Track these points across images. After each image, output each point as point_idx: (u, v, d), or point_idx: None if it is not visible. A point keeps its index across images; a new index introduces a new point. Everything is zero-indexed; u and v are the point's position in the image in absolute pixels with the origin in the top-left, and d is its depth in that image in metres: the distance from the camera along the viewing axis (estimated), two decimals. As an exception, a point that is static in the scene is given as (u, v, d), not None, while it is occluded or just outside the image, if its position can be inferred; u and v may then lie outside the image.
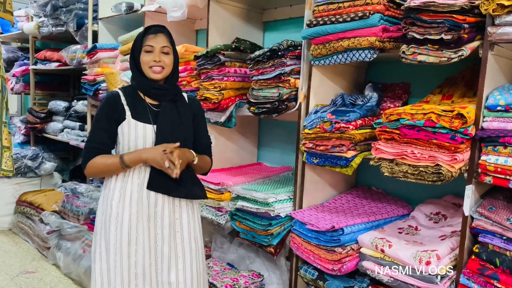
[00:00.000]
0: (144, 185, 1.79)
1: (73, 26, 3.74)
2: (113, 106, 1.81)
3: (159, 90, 1.83)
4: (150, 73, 1.80)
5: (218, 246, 2.53)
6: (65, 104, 4.22)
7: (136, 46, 1.82)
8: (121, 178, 1.81)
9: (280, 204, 2.11)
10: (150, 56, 1.79)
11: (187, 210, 1.88)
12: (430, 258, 1.58)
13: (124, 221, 1.78)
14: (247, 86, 2.42)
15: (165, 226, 1.81)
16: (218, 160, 2.70)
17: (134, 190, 1.80)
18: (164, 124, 1.80)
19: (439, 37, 1.52)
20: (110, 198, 1.81)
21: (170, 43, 1.83)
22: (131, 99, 1.83)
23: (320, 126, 1.93)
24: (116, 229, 1.79)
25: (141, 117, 1.80)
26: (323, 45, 1.91)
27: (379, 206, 2.10)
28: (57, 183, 4.37)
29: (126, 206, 1.78)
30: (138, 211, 1.78)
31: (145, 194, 1.79)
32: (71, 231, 3.22)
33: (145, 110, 1.82)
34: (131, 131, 1.78)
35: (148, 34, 1.81)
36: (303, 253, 1.99)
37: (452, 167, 1.52)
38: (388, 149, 1.69)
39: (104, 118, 1.80)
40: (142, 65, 1.80)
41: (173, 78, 1.87)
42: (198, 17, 3.20)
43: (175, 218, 1.84)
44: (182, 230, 1.85)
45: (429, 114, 1.57)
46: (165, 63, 1.80)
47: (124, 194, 1.80)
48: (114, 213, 1.79)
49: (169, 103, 1.84)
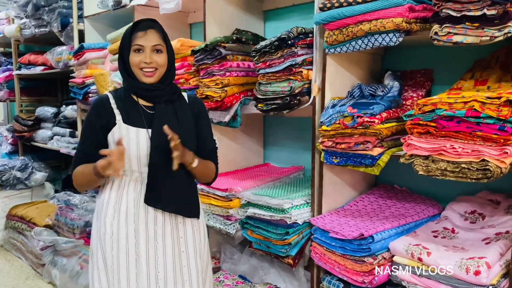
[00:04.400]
0: (141, 200, 1.58)
1: (57, 26, 3.49)
2: (101, 112, 1.59)
3: (153, 92, 1.62)
4: (141, 75, 1.58)
5: (227, 257, 2.33)
6: (54, 110, 3.97)
7: (124, 45, 1.59)
8: (115, 191, 1.61)
9: (297, 210, 1.91)
10: (140, 56, 1.56)
11: (192, 226, 1.68)
12: (479, 267, 1.38)
13: (121, 241, 1.57)
14: (251, 81, 2.20)
15: (167, 247, 1.60)
16: (222, 163, 2.45)
17: (130, 205, 1.59)
18: (159, 128, 1.57)
19: (480, 13, 1.31)
20: (103, 214, 1.60)
21: (162, 40, 1.60)
22: (122, 102, 1.61)
23: (340, 121, 1.72)
24: (112, 249, 1.58)
25: (134, 121, 1.59)
26: (340, 30, 1.70)
27: (407, 207, 1.90)
28: (49, 194, 4.13)
29: (121, 223, 1.58)
30: (136, 230, 1.58)
31: (142, 210, 1.58)
32: (66, 246, 3.00)
33: (139, 113, 1.61)
34: (123, 136, 1.56)
35: (137, 31, 1.58)
36: (327, 263, 1.79)
37: (502, 162, 1.32)
38: (423, 144, 1.48)
39: (90, 125, 1.60)
40: (131, 66, 1.58)
41: (168, 76, 1.65)
42: (191, 9, 2.98)
43: (179, 236, 1.64)
44: (187, 249, 1.65)
45: (471, 103, 1.37)
46: (158, 63, 1.57)
47: (119, 210, 1.59)
48: (109, 232, 1.58)
49: (166, 105, 1.63)
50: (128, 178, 1.62)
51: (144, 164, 1.60)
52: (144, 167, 1.61)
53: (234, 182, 2.26)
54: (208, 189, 2.22)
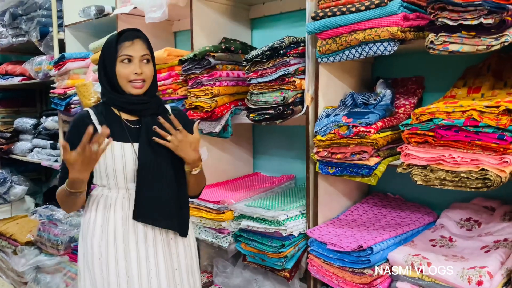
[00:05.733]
0: (130, 218, 1.52)
1: (36, 35, 3.39)
2: (81, 130, 1.49)
3: (138, 105, 1.56)
4: (130, 88, 1.52)
5: (220, 270, 2.27)
6: (33, 121, 3.85)
7: (109, 55, 1.52)
8: (101, 211, 1.55)
9: (292, 221, 1.87)
10: (129, 67, 1.50)
11: (183, 242, 1.62)
12: (481, 276, 1.37)
13: (110, 263, 1.51)
14: (242, 90, 2.17)
15: (160, 266, 1.54)
16: (212, 173, 2.44)
17: (118, 224, 1.53)
18: (147, 142, 1.52)
19: (477, 22, 1.31)
20: (90, 235, 1.54)
21: (148, 50, 1.56)
22: (104, 117, 1.55)
23: (335, 131, 1.70)
24: (101, 272, 1.52)
25: (118, 136, 1.53)
26: (333, 40, 1.68)
27: (402, 215, 1.89)
28: (30, 208, 3.99)
29: (110, 244, 1.52)
30: (126, 250, 1.51)
31: (131, 228, 1.52)
32: (50, 263, 2.90)
33: (122, 128, 1.55)
34: (107, 153, 1.50)
35: (123, 40, 1.53)
36: (325, 276, 1.76)
37: (502, 171, 1.31)
38: (421, 154, 1.47)
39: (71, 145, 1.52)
40: (119, 78, 1.51)
41: (153, 89, 1.60)
42: (176, 18, 2.93)
43: (172, 253, 1.59)
44: (180, 266, 1.60)
45: (469, 112, 1.36)
46: (146, 75, 1.53)
47: (107, 230, 1.53)
48: (97, 254, 1.52)
49: (152, 118, 1.57)
50: (115, 196, 1.56)
51: (130, 180, 1.55)
52: (131, 183, 1.55)
53: (225, 193, 2.21)
54: (199, 201, 2.16)
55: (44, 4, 3.39)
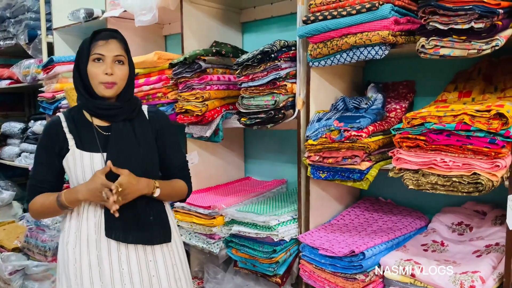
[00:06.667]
0: (101, 225, 1.49)
1: (24, 39, 3.33)
2: (53, 137, 1.48)
3: (109, 111, 1.51)
4: (101, 89, 1.47)
5: (211, 276, 2.24)
6: (21, 126, 3.79)
7: (82, 54, 1.48)
8: (75, 217, 1.51)
9: (284, 226, 1.86)
10: (101, 67, 1.46)
11: (161, 249, 1.57)
12: (473, 281, 1.36)
13: (84, 269, 1.48)
14: (233, 94, 2.15)
15: (134, 273, 1.50)
16: (202, 178, 2.43)
17: (91, 231, 1.49)
18: (115, 151, 1.48)
19: (468, 26, 1.31)
20: (65, 241, 1.52)
21: (124, 51, 1.51)
22: (74, 124, 1.51)
23: (326, 135, 1.69)
24: (76, 278, 1.49)
25: (87, 145, 1.49)
26: (324, 44, 1.67)
27: (394, 220, 1.88)
28: (17, 214, 3.92)
29: (83, 251, 1.49)
30: (99, 257, 1.48)
31: (103, 236, 1.48)
32: (37, 270, 2.84)
33: (93, 135, 1.51)
34: (76, 163, 1.47)
35: (97, 39, 1.48)
36: (316, 281, 1.74)
37: (493, 176, 1.31)
38: (413, 158, 1.46)
39: (45, 151, 1.49)
40: (90, 78, 1.47)
41: (126, 93, 1.55)
42: (166, 21, 2.91)
43: (148, 260, 1.54)
44: (158, 273, 1.55)
45: (461, 116, 1.36)
46: (118, 76, 1.48)
47: (80, 236, 1.49)
48: (72, 260, 1.50)
49: (123, 124, 1.53)
50: (87, 203, 1.51)
51: None
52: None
53: (216, 198, 2.19)
54: (189, 207, 2.14)
55: (32, 7, 3.35)
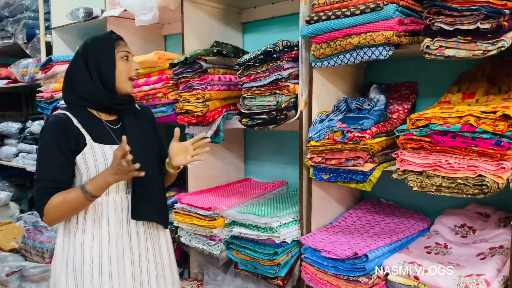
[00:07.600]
0: (122, 222, 1.53)
1: (23, 38, 3.31)
2: (67, 134, 1.46)
3: (125, 105, 1.61)
4: (128, 84, 1.56)
5: (211, 278, 2.22)
6: (18, 126, 3.77)
7: (105, 52, 1.52)
8: (91, 218, 1.51)
9: (286, 228, 1.84)
10: (128, 64, 1.55)
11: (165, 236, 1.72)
12: (478, 284, 1.35)
13: (104, 267, 1.50)
14: (234, 95, 2.13)
15: (150, 262, 1.61)
16: (203, 179, 2.41)
17: (111, 229, 1.52)
18: (134, 142, 1.50)
19: (474, 27, 1.30)
20: (79, 242, 1.50)
21: None
22: (85, 120, 1.52)
23: (329, 136, 1.67)
24: (92, 278, 1.49)
25: (103, 138, 1.52)
26: (327, 44, 1.66)
27: (396, 222, 1.87)
28: (14, 214, 3.89)
29: (103, 249, 1.50)
30: (119, 253, 1.52)
31: (125, 231, 1.53)
32: (35, 271, 2.81)
33: (105, 129, 1.55)
34: (97, 157, 1.48)
35: (118, 39, 1.58)
36: (318, 284, 1.72)
37: (499, 178, 1.30)
38: (417, 159, 1.45)
39: (56, 150, 1.45)
40: (118, 74, 1.52)
41: None
42: (166, 21, 2.89)
43: (155, 249, 1.64)
44: (162, 260, 1.67)
45: (466, 117, 1.34)
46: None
47: (100, 236, 1.51)
48: (88, 260, 1.49)
49: (133, 117, 1.64)
50: (105, 201, 1.53)
51: (122, 182, 1.55)
52: (122, 185, 1.56)
53: (217, 199, 2.17)
54: (189, 208, 2.12)
55: (31, 6, 3.32)
